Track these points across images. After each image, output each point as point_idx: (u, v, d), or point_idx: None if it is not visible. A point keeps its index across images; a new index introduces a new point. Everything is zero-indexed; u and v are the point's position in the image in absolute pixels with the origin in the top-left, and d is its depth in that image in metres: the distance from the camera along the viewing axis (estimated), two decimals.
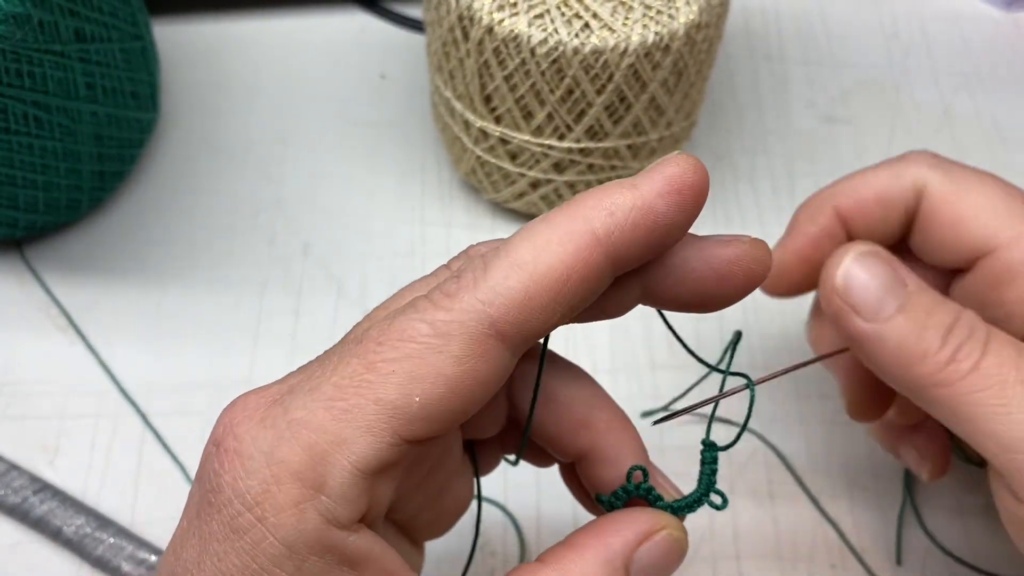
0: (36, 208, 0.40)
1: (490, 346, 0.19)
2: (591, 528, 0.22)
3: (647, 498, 0.23)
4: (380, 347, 0.19)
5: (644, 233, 0.19)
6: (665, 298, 0.21)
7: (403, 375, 0.19)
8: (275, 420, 0.19)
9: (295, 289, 0.42)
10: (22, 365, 0.40)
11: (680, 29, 0.35)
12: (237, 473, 0.19)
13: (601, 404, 0.24)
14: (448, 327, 0.19)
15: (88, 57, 0.38)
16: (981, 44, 0.51)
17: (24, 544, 0.36)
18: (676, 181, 0.19)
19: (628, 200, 0.19)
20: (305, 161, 0.46)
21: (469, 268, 0.20)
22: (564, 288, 0.19)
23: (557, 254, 0.19)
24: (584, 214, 0.19)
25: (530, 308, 0.19)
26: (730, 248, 0.21)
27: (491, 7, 0.35)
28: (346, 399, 0.19)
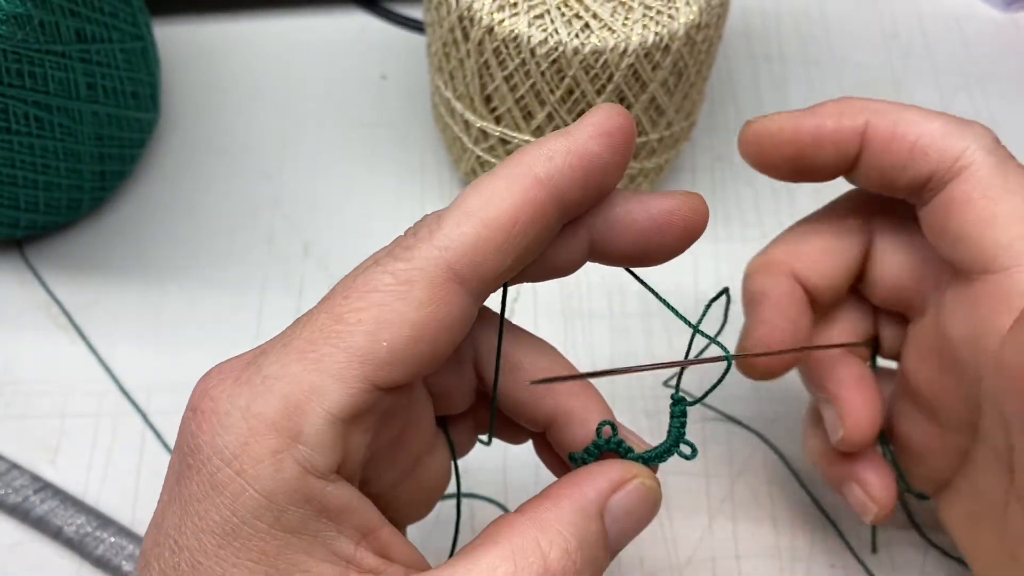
0: (37, 208, 0.40)
1: (450, 289, 0.20)
2: (566, 479, 0.23)
3: (618, 451, 0.24)
4: (346, 300, 0.20)
5: (582, 174, 0.21)
6: (610, 251, 0.23)
7: (370, 322, 0.20)
8: (250, 377, 0.20)
9: (295, 289, 0.42)
10: (23, 364, 0.40)
11: (680, 29, 0.35)
12: (215, 431, 0.19)
13: (562, 369, 0.25)
14: (409, 274, 0.20)
15: (89, 57, 0.38)
16: (981, 44, 0.51)
17: (25, 543, 0.36)
18: (604, 124, 0.21)
19: (563, 145, 0.21)
20: (305, 161, 0.46)
21: (423, 224, 0.21)
22: (514, 229, 0.20)
23: (504, 198, 0.20)
24: (526, 160, 0.21)
25: (484, 250, 0.20)
26: (668, 200, 0.22)
27: (491, 7, 0.35)
28: (317, 350, 0.20)
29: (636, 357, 0.40)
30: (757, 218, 0.44)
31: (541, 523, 0.21)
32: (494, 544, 0.21)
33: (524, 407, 0.25)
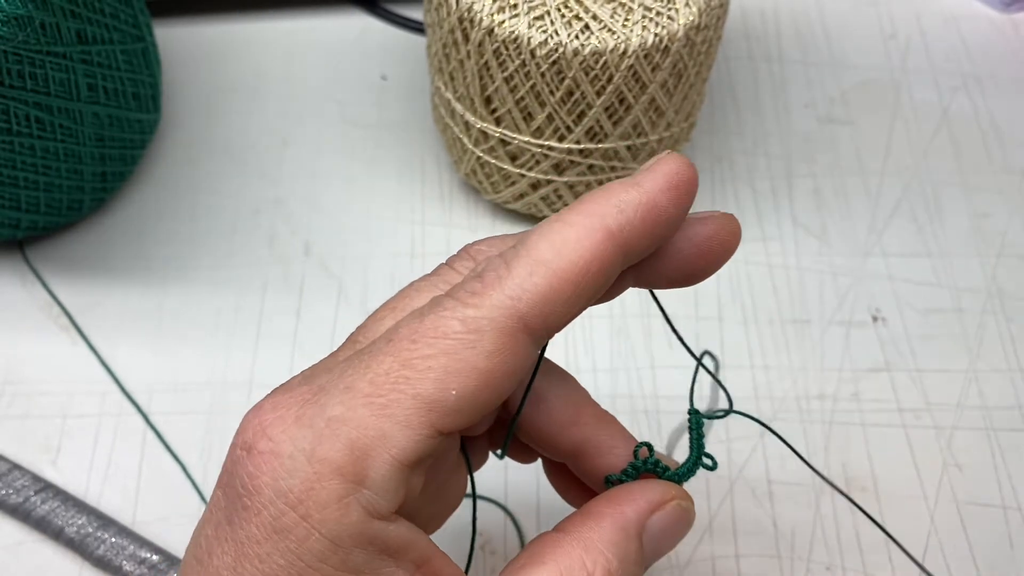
0: (38, 209, 0.40)
1: (519, 340, 0.20)
2: (606, 498, 0.23)
3: (655, 471, 0.25)
4: (414, 344, 0.20)
5: (650, 227, 0.21)
6: (655, 278, 0.23)
7: (439, 370, 0.19)
8: (312, 419, 0.20)
9: (296, 289, 0.42)
10: (24, 365, 0.40)
11: (679, 31, 0.35)
12: (277, 473, 0.19)
13: (585, 401, 0.26)
14: (479, 323, 0.20)
15: (90, 58, 0.38)
16: (979, 45, 0.51)
17: (26, 544, 0.36)
18: (674, 178, 0.21)
19: (635, 197, 0.21)
20: (306, 162, 0.46)
21: (491, 268, 0.21)
22: (584, 281, 0.20)
23: (577, 250, 0.20)
24: (598, 211, 0.21)
25: (555, 302, 0.20)
26: (708, 226, 0.22)
27: (491, 9, 0.35)
28: (384, 395, 0.19)
29: (636, 357, 0.40)
30: (757, 219, 0.44)
31: (585, 543, 0.22)
32: (541, 564, 0.21)
33: (549, 439, 0.25)
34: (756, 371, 0.40)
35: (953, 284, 0.42)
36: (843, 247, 0.44)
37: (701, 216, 0.23)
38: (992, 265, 0.43)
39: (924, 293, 0.42)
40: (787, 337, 0.41)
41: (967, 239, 0.44)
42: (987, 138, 0.47)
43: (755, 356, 0.40)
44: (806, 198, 0.45)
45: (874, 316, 0.41)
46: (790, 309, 0.42)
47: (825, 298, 0.42)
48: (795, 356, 0.40)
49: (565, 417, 0.25)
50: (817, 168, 0.46)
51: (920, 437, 0.38)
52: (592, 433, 0.25)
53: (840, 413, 0.39)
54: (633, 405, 0.39)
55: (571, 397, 0.25)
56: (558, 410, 0.25)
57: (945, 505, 0.37)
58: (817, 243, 0.44)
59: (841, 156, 0.47)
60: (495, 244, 0.24)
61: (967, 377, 0.40)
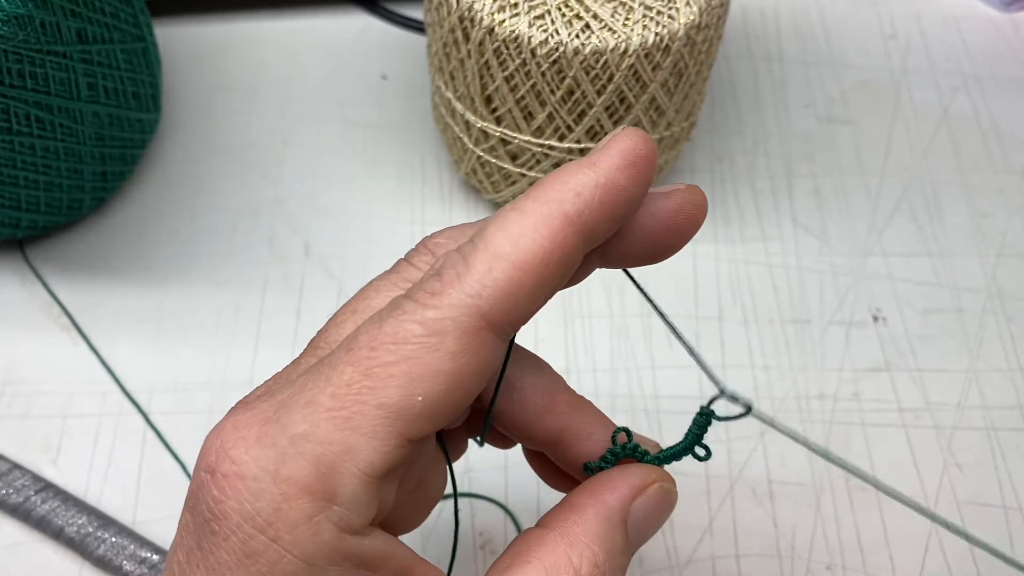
0: (38, 208, 0.40)
1: (483, 338, 0.19)
2: (587, 488, 0.23)
3: (634, 455, 0.24)
4: (374, 352, 0.19)
5: (610, 208, 0.20)
6: (620, 257, 0.22)
7: (402, 377, 0.19)
8: (274, 438, 0.19)
9: (296, 289, 0.42)
10: (24, 365, 0.40)
11: (680, 30, 0.35)
12: (242, 496, 0.19)
13: (560, 388, 0.25)
14: (441, 324, 0.19)
15: (90, 58, 0.38)
16: (979, 44, 0.51)
17: (26, 544, 0.36)
18: (631, 154, 0.20)
19: (592, 179, 0.20)
20: (306, 161, 0.46)
21: (449, 264, 0.20)
22: (545, 271, 0.20)
23: (536, 240, 0.19)
24: (554, 196, 0.20)
25: (517, 295, 0.19)
26: (672, 199, 0.22)
27: (492, 8, 0.35)
28: (347, 407, 0.19)
29: (636, 357, 0.40)
30: (757, 219, 0.44)
31: (570, 538, 0.21)
32: (526, 563, 0.21)
33: (524, 428, 0.25)
34: (756, 371, 0.40)
35: (953, 284, 0.42)
36: (843, 247, 0.44)
37: (664, 191, 0.22)
38: (992, 265, 0.43)
39: (924, 293, 0.42)
40: (787, 337, 0.41)
41: (967, 239, 0.44)
42: (987, 138, 0.47)
43: (755, 356, 0.40)
44: (806, 198, 0.45)
45: (874, 316, 0.41)
46: (790, 309, 0.42)
47: (825, 298, 0.42)
48: (795, 356, 0.40)
49: (539, 405, 0.24)
50: (817, 168, 0.46)
51: (920, 437, 0.38)
52: (568, 420, 0.24)
53: (840, 413, 0.39)
54: (633, 405, 0.39)
55: (545, 385, 0.25)
56: (532, 399, 0.24)
57: (945, 505, 0.37)
58: (817, 243, 0.44)
59: (841, 156, 0.47)
60: (453, 236, 0.23)
61: (967, 377, 0.40)
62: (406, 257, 0.23)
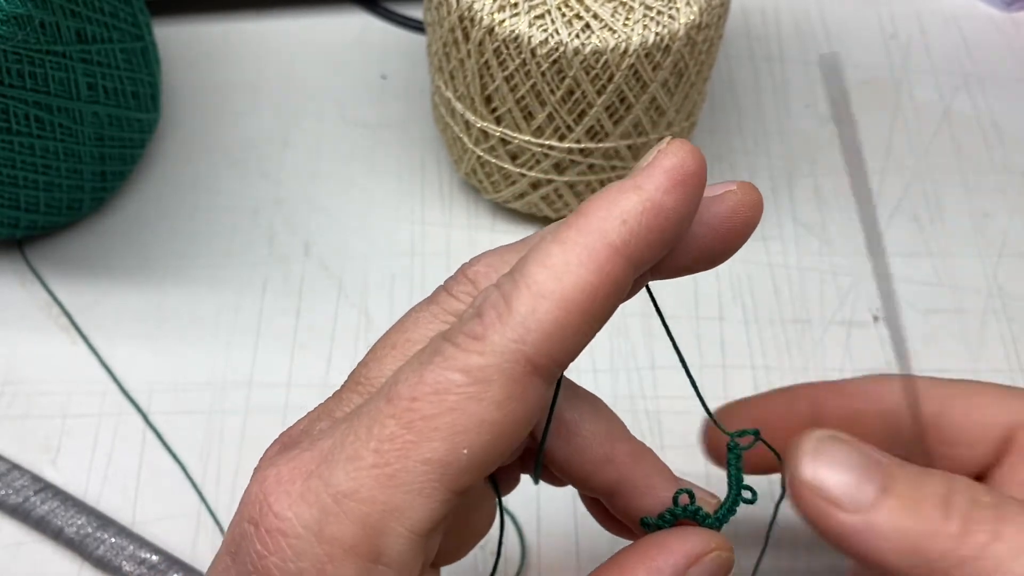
0: (37, 208, 0.40)
1: (529, 383, 0.18)
2: (640, 549, 0.22)
3: (695, 518, 0.23)
4: (415, 403, 0.18)
5: (659, 233, 0.19)
6: (673, 269, 0.21)
7: (446, 430, 0.18)
8: (317, 494, 0.18)
9: (295, 289, 0.42)
10: (23, 365, 0.40)
11: (680, 30, 0.35)
12: (285, 555, 0.18)
13: (620, 435, 0.24)
14: (485, 372, 0.18)
15: (89, 58, 0.38)
16: (980, 44, 0.51)
17: (26, 544, 0.36)
18: (678, 173, 0.19)
19: (637, 204, 0.19)
20: (306, 161, 0.46)
21: (489, 304, 0.19)
22: (593, 307, 0.18)
23: (581, 276, 0.18)
24: (597, 227, 0.18)
25: (564, 336, 0.18)
26: (725, 203, 0.20)
27: (492, 8, 0.35)
28: (391, 463, 0.18)
29: (636, 357, 0.40)
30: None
31: None
32: None
33: (582, 476, 0.24)
34: (756, 371, 0.40)
35: (954, 284, 0.42)
36: (844, 247, 0.43)
37: (716, 192, 0.20)
38: (993, 265, 0.43)
39: (925, 293, 0.42)
40: (787, 337, 0.41)
41: (968, 239, 0.44)
42: (988, 137, 0.47)
43: (755, 356, 0.40)
44: (807, 198, 0.45)
45: (875, 316, 0.41)
46: (791, 309, 0.42)
47: (826, 298, 0.42)
48: (795, 356, 0.40)
49: (599, 454, 0.23)
50: (818, 168, 0.46)
51: None
52: (628, 472, 0.23)
53: None
54: (634, 405, 0.39)
55: (605, 432, 0.23)
56: (592, 447, 0.23)
57: None
58: (818, 243, 0.44)
59: (841, 156, 0.47)
60: (493, 264, 0.22)
61: (967, 377, 0.40)
62: (445, 286, 0.22)
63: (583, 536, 0.36)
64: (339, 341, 0.41)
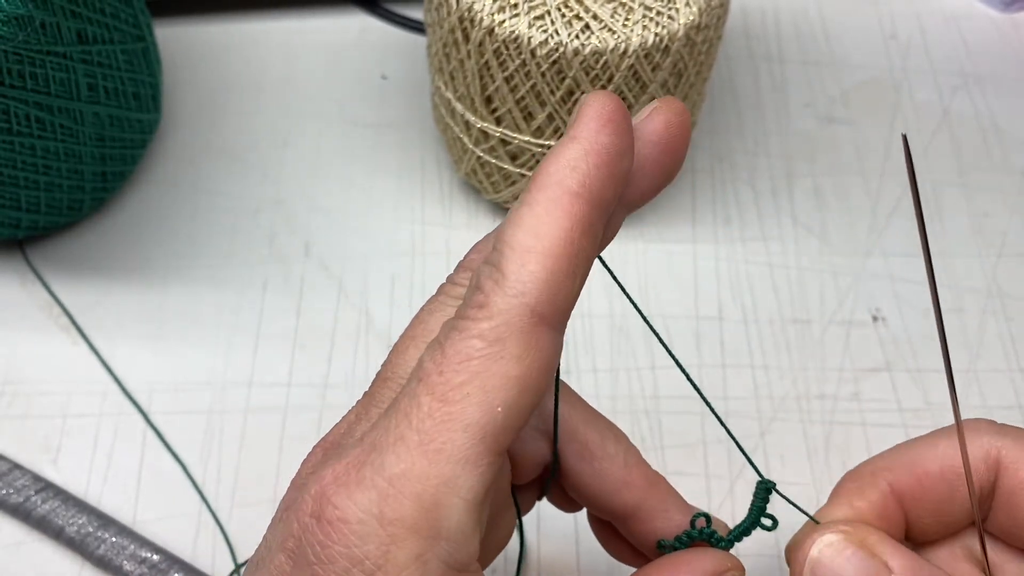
0: (38, 208, 0.40)
1: (540, 333, 0.20)
2: (659, 568, 0.23)
3: (709, 540, 0.25)
4: (443, 375, 0.19)
5: (608, 168, 0.20)
6: (639, 196, 0.23)
7: (477, 394, 0.19)
8: (373, 480, 0.19)
9: (296, 289, 0.42)
10: (24, 365, 0.40)
11: (680, 30, 0.35)
12: (349, 541, 0.19)
13: (637, 462, 0.25)
14: (498, 332, 0.19)
15: (90, 58, 0.38)
16: (979, 44, 0.51)
17: (26, 544, 0.36)
18: (602, 115, 0.21)
19: (579, 151, 0.20)
20: (306, 161, 0.46)
21: (484, 276, 0.20)
22: (574, 249, 0.20)
23: (553, 224, 0.20)
24: (554, 181, 0.20)
25: (557, 281, 0.20)
26: (656, 120, 0.22)
27: (492, 8, 0.35)
28: (435, 438, 0.19)
29: (636, 357, 0.40)
30: (757, 219, 0.44)
31: None
32: None
33: (599, 499, 0.25)
34: (756, 371, 0.40)
35: (953, 284, 0.42)
36: (843, 247, 0.44)
37: (644, 115, 0.22)
38: (992, 265, 0.43)
39: (924, 293, 0.42)
40: (787, 337, 0.41)
41: (967, 239, 0.44)
42: (987, 138, 0.47)
43: (755, 356, 0.40)
44: (806, 198, 0.45)
45: (874, 316, 0.41)
46: (790, 309, 0.42)
47: (825, 298, 0.42)
48: (795, 356, 0.40)
49: (618, 478, 0.25)
50: (817, 168, 0.46)
51: None
52: (644, 496, 0.25)
53: (840, 413, 0.39)
54: (633, 405, 0.39)
55: (624, 457, 0.25)
56: (611, 471, 0.25)
57: None
58: (817, 243, 0.44)
59: (841, 156, 0.47)
60: (481, 249, 0.23)
61: (967, 377, 0.40)
62: (448, 279, 0.24)
63: (583, 536, 0.36)
64: (339, 341, 0.41)
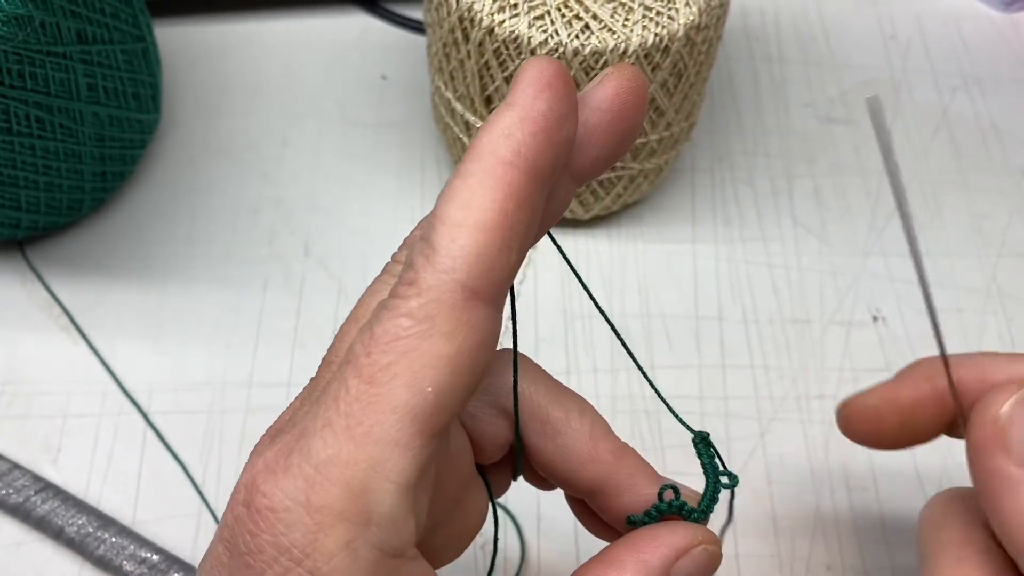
0: (38, 208, 0.40)
1: (471, 309, 0.19)
2: (628, 543, 0.23)
3: (680, 513, 0.24)
4: (371, 356, 0.19)
5: (544, 136, 0.19)
6: (588, 166, 0.22)
7: (405, 374, 0.18)
8: (300, 467, 0.19)
9: (295, 289, 0.42)
10: (24, 365, 0.40)
11: (680, 30, 0.35)
12: (276, 529, 0.18)
13: (603, 434, 0.24)
14: (426, 309, 0.18)
15: (90, 58, 0.38)
16: (979, 45, 0.51)
17: (26, 544, 0.36)
18: (541, 78, 0.20)
19: (514, 118, 0.19)
20: (306, 161, 0.46)
21: (416, 252, 0.19)
22: (508, 221, 0.19)
23: (485, 196, 0.19)
24: (488, 150, 0.19)
25: (489, 255, 0.19)
26: (608, 85, 0.21)
27: (491, 8, 0.35)
28: (362, 421, 0.18)
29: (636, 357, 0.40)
30: (757, 219, 0.44)
31: None
32: None
33: (566, 475, 0.24)
34: (756, 371, 0.40)
35: (953, 284, 0.42)
36: (843, 247, 0.44)
37: (596, 81, 0.21)
38: (992, 265, 0.43)
39: None
40: (787, 337, 0.41)
41: (967, 239, 0.44)
42: (987, 138, 0.47)
43: (755, 356, 0.40)
44: (806, 198, 0.45)
45: (874, 316, 0.42)
46: (790, 309, 0.42)
47: (825, 298, 0.42)
48: (795, 356, 0.40)
49: (583, 453, 0.24)
50: (817, 168, 0.46)
51: None
52: (612, 470, 0.24)
53: None
54: (633, 405, 0.39)
55: (589, 431, 0.24)
56: (576, 445, 0.24)
57: None
58: (817, 243, 0.44)
59: (841, 156, 0.47)
60: (421, 224, 0.22)
61: None
62: (392, 256, 0.23)
63: (583, 536, 0.36)
64: None
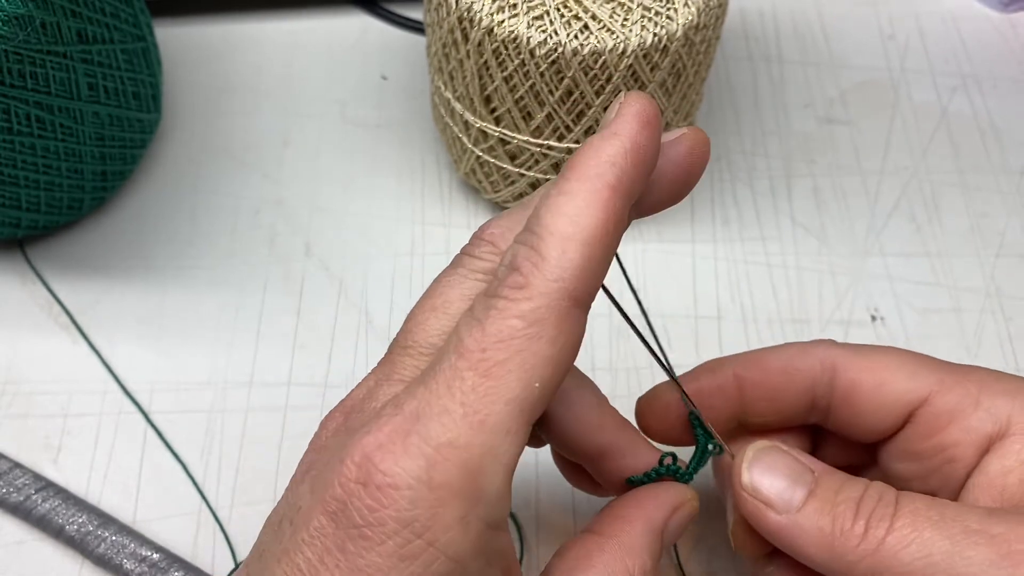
0: (38, 208, 0.40)
1: (574, 315, 0.22)
2: (633, 500, 0.26)
3: (676, 476, 0.28)
4: (485, 352, 0.21)
5: (640, 168, 0.22)
6: (651, 205, 0.25)
7: (518, 371, 0.21)
8: (420, 448, 0.21)
9: (296, 289, 0.42)
10: (25, 364, 0.40)
11: (678, 30, 0.35)
12: (400, 505, 0.20)
13: (608, 407, 0.28)
14: (537, 314, 0.21)
15: (90, 58, 0.38)
16: (978, 45, 0.51)
17: (27, 542, 0.36)
18: (643, 116, 0.22)
19: (620, 147, 0.22)
20: (306, 161, 0.46)
21: (521, 257, 0.22)
22: (607, 239, 0.22)
23: (592, 215, 0.21)
24: (594, 173, 0.22)
25: (591, 268, 0.22)
26: (683, 144, 0.24)
27: (491, 9, 0.35)
28: (479, 411, 0.21)
29: (636, 357, 0.40)
30: (756, 219, 0.44)
31: (625, 547, 0.25)
32: (590, 567, 0.24)
33: (574, 440, 0.27)
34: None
35: (952, 284, 0.43)
36: (842, 247, 0.44)
37: (673, 137, 0.24)
38: (991, 265, 0.43)
39: (923, 293, 0.42)
40: (786, 337, 0.41)
41: (966, 239, 0.44)
42: (986, 138, 0.47)
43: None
44: (805, 198, 0.45)
45: (873, 316, 0.42)
46: (789, 309, 0.42)
47: (824, 298, 0.42)
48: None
49: (592, 420, 0.27)
50: (816, 168, 0.46)
51: None
52: (615, 437, 0.27)
53: None
54: (633, 405, 0.39)
55: (596, 402, 0.27)
56: (587, 413, 0.27)
57: None
58: (816, 243, 0.44)
59: (840, 156, 0.47)
60: (506, 225, 0.25)
61: None
62: (466, 251, 0.25)
63: None
64: (339, 341, 0.41)
